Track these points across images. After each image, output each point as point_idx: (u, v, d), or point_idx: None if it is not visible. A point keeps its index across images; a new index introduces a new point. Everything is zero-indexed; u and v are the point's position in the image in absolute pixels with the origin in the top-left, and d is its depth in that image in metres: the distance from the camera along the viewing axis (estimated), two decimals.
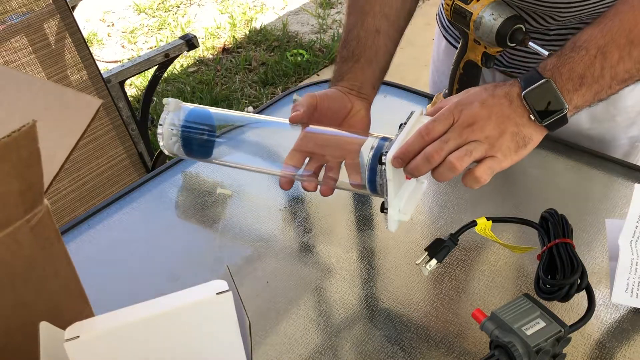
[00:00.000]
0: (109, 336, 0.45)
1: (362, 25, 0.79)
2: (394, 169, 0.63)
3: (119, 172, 1.56)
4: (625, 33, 0.61)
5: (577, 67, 0.62)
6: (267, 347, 0.64)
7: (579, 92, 0.62)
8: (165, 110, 0.81)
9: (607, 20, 0.62)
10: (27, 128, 0.40)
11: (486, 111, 0.62)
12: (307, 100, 0.73)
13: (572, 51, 0.62)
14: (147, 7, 3.57)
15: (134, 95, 2.74)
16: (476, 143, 0.61)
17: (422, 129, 0.62)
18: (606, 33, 0.62)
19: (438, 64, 1.06)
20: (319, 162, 0.73)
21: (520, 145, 0.62)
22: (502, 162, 0.62)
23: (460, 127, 0.61)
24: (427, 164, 0.61)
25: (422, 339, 0.64)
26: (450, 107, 0.63)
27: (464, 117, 0.62)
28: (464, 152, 0.60)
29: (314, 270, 0.72)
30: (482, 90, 0.64)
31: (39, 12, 1.43)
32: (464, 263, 0.72)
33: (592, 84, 0.62)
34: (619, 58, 0.61)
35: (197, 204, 0.83)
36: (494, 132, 0.61)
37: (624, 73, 0.62)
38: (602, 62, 0.61)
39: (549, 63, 0.63)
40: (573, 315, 0.64)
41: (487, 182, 0.62)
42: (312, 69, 2.90)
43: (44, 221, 0.45)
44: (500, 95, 0.63)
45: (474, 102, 0.63)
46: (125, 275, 0.73)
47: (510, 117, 0.62)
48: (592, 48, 0.62)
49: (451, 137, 0.61)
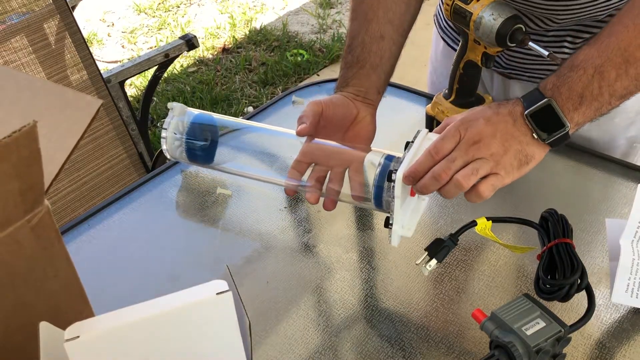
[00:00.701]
0: (109, 336, 0.45)
1: (367, 31, 0.79)
2: (401, 187, 0.64)
3: (119, 172, 1.56)
4: (621, 52, 0.62)
5: (576, 87, 0.63)
6: (267, 347, 0.64)
7: (579, 111, 0.63)
8: (170, 115, 0.81)
9: (602, 40, 0.64)
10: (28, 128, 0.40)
11: (491, 128, 0.63)
12: (313, 108, 0.73)
13: (570, 71, 0.64)
14: (147, 7, 3.57)
15: (134, 95, 2.74)
16: (482, 161, 0.62)
17: (431, 148, 0.63)
18: (602, 52, 0.63)
19: (436, 64, 1.06)
20: (322, 173, 0.73)
21: (523, 163, 0.64)
22: (504, 179, 0.63)
23: (467, 145, 0.63)
24: (435, 182, 0.63)
25: (422, 339, 0.64)
26: (456, 125, 0.64)
27: (470, 134, 0.63)
28: (470, 171, 0.62)
29: (314, 270, 0.72)
30: (486, 109, 0.65)
31: (39, 12, 1.43)
32: (464, 263, 0.72)
33: (591, 101, 0.63)
34: (616, 76, 0.63)
35: (197, 204, 0.83)
36: (499, 150, 0.62)
37: (622, 90, 0.64)
38: (600, 80, 0.63)
39: (549, 82, 0.65)
40: (573, 315, 0.64)
41: (489, 197, 0.63)
42: (312, 69, 2.90)
43: (44, 221, 0.45)
44: (504, 113, 0.64)
45: (479, 119, 0.64)
46: (125, 275, 0.73)
47: (514, 136, 0.63)
48: (589, 67, 0.63)
49: (458, 156, 0.62)
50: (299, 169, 0.74)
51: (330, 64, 2.96)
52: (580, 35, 0.84)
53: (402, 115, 1.00)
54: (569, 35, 0.84)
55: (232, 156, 0.83)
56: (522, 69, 0.90)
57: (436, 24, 1.03)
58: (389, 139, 0.89)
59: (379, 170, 0.69)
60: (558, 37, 0.85)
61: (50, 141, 0.57)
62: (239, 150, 0.84)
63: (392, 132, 0.92)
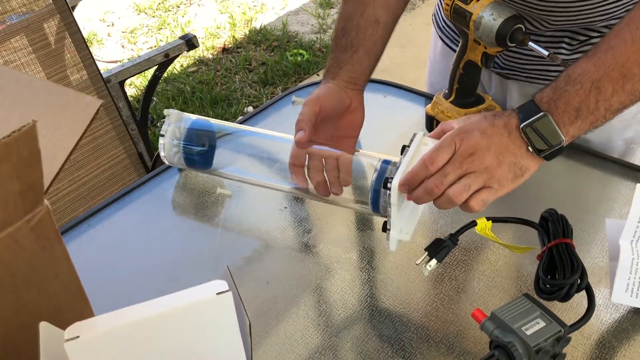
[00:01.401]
0: (109, 336, 0.45)
1: (362, 14, 0.79)
2: (398, 194, 0.65)
3: (119, 172, 1.56)
4: (619, 67, 0.63)
5: (573, 101, 0.63)
6: (267, 347, 0.64)
7: (575, 125, 0.64)
8: (167, 122, 0.81)
9: (600, 54, 0.64)
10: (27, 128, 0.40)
11: (486, 141, 0.63)
12: (310, 111, 0.74)
13: (567, 84, 0.64)
14: (147, 7, 3.57)
15: (134, 95, 2.74)
16: (475, 175, 0.63)
17: (427, 157, 0.64)
18: (600, 67, 0.63)
19: (435, 64, 1.06)
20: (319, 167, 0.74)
21: (517, 175, 0.64)
22: (497, 192, 0.64)
23: (461, 157, 0.63)
24: (427, 196, 0.64)
25: (422, 339, 0.64)
26: (452, 135, 0.64)
27: (465, 147, 0.63)
28: (462, 187, 0.62)
29: (314, 270, 0.72)
30: (482, 119, 0.65)
31: (39, 12, 1.43)
32: (464, 263, 0.72)
33: (587, 115, 0.63)
34: (612, 91, 0.63)
35: (197, 204, 0.83)
36: (493, 163, 0.63)
37: (617, 104, 0.64)
38: (597, 95, 0.63)
39: (545, 95, 0.65)
40: (573, 315, 0.64)
41: (480, 211, 0.64)
42: (312, 69, 2.90)
43: (44, 221, 0.45)
44: (499, 125, 0.64)
45: (474, 130, 0.64)
46: (125, 275, 0.73)
47: (509, 148, 0.63)
48: (586, 82, 0.63)
49: (450, 171, 0.63)
50: (298, 172, 0.75)
51: None
52: (577, 37, 0.84)
53: (401, 116, 1.00)
54: (567, 36, 0.84)
55: (231, 161, 0.83)
56: (519, 69, 0.90)
57: (434, 23, 1.03)
58: (389, 139, 0.89)
59: (375, 176, 0.70)
60: (556, 37, 0.85)
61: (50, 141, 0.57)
62: (238, 155, 0.85)
63: (392, 132, 0.92)
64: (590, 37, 0.83)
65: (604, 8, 0.78)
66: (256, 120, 0.99)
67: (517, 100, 0.93)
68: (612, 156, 0.88)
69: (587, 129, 0.65)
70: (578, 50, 0.84)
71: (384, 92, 1.02)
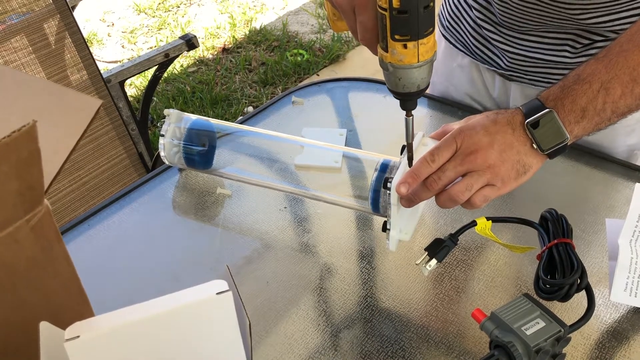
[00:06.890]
0: (109, 336, 0.45)
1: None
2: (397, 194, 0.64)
3: (119, 172, 1.56)
4: (629, 70, 0.62)
5: (580, 100, 0.63)
6: (267, 347, 0.64)
7: (580, 124, 0.63)
8: (167, 122, 0.81)
9: (612, 56, 0.64)
10: (27, 128, 0.40)
11: (488, 139, 0.63)
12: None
13: (575, 83, 0.63)
14: (147, 7, 3.57)
15: (134, 95, 2.74)
16: (477, 174, 0.62)
17: (427, 156, 0.63)
18: (610, 69, 0.63)
19: (437, 64, 1.05)
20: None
21: (520, 173, 0.64)
22: (500, 190, 0.63)
23: (463, 155, 0.62)
24: (426, 191, 0.63)
25: (422, 339, 0.64)
26: (453, 134, 0.64)
27: (467, 144, 0.63)
28: (464, 187, 0.62)
29: (314, 270, 0.72)
30: (485, 117, 0.65)
31: (39, 12, 1.43)
32: (464, 263, 0.72)
33: (593, 116, 0.63)
34: (621, 94, 0.63)
35: (197, 204, 0.83)
36: (496, 161, 0.62)
37: (624, 107, 0.64)
38: (605, 97, 0.63)
39: (552, 93, 0.64)
40: (573, 315, 0.64)
41: (482, 207, 0.64)
42: (312, 69, 2.90)
43: (44, 221, 0.45)
44: (502, 122, 0.64)
45: (476, 128, 0.63)
46: (125, 275, 0.73)
47: (513, 145, 0.63)
48: (595, 82, 0.63)
49: (450, 167, 0.62)
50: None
51: (330, 63, 2.96)
52: (580, 40, 0.83)
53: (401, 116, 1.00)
54: (570, 39, 0.84)
55: (231, 161, 0.84)
56: (523, 71, 0.90)
57: (438, 22, 1.03)
58: (389, 139, 0.89)
59: (375, 175, 0.70)
60: (559, 40, 0.84)
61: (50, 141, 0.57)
62: (238, 155, 0.85)
63: (392, 132, 0.92)
64: (593, 40, 0.82)
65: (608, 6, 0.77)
66: (256, 120, 0.99)
67: (519, 102, 0.92)
68: (613, 156, 0.88)
69: (591, 130, 0.65)
70: (581, 54, 0.84)
71: (384, 92, 1.02)
